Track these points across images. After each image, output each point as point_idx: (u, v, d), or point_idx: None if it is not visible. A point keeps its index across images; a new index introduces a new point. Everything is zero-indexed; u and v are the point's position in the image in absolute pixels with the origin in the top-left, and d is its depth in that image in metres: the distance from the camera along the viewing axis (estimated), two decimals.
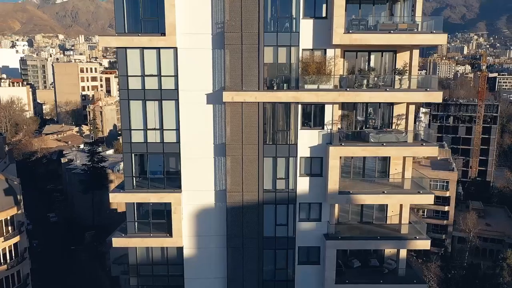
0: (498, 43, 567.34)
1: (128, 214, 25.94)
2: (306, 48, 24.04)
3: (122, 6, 23.47)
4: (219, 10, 23.50)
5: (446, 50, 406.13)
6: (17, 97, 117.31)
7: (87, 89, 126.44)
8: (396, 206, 26.73)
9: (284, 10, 23.62)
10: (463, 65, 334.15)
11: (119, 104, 24.77)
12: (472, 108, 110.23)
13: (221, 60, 23.98)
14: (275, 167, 25.04)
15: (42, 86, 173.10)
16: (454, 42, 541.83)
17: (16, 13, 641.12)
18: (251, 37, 23.38)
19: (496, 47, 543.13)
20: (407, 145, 24.54)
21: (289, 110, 24.51)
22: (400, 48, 25.22)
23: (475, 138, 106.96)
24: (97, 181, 61.43)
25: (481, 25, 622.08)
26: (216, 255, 26.08)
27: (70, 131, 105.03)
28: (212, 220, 25.85)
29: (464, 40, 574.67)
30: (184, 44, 23.85)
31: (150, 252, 26.53)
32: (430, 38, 23.34)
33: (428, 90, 23.90)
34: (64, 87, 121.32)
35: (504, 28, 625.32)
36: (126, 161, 25.25)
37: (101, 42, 23.58)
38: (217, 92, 24.35)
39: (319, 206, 25.82)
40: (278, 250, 25.96)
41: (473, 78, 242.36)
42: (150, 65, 24.18)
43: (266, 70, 24.24)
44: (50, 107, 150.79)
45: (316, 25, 23.83)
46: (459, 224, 73.74)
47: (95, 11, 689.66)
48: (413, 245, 25.58)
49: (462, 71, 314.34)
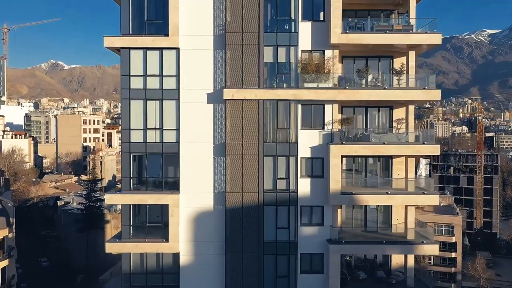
0: (492, 107, 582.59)
1: (124, 218, 25.00)
2: (305, 50, 24.69)
3: (128, 9, 24.49)
4: (221, 13, 24.47)
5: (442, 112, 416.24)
6: (18, 147, 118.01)
7: (88, 141, 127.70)
8: (401, 213, 25.86)
9: (284, 12, 24.61)
10: (460, 126, 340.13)
11: (120, 104, 24.90)
12: (471, 158, 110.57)
13: (222, 60, 24.53)
14: (275, 167, 24.60)
15: (44, 141, 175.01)
16: (449, 106, 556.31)
17: (25, 78, 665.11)
18: (251, 37, 24.12)
19: (491, 110, 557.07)
20: (408, 143, 24.33)
21: (289, 110, 24.59)
22: (397, 54, 25.94)
23: (477, 188, 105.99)
24: (93, 220, 59.88)
25: (474, 90, 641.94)
26: (214, 263, 24.76)
27: (69, 180, 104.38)
28: (210, 224, 24.88)
29: (458, 104, 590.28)
30: (186, 45, 24.54)
31: (144, 260, 25.19)
32: (425, 37, 24.05)
33: (426, 88, 24.22)
34: (66, 138, 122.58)
35: (496, 93, 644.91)
36: (124, 162, 24.87)
37: (106, 42, 24.22)
38: (217, 92, 24.61)
39: (321, 210, 24.97)
40: (279, 256, 24.68)
41: (471, 137, 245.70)
42: (153, 66, 24.68)
43: (266, 71, 24.71)
44: (51, 161, 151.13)
45: (314, 28, 24.69)
46: (467, 270, 70.74)
47: (101, 77, 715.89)
48: (420, 249, 24.38)
49: (459, 131, 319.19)
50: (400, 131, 25.58)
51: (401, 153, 24.40)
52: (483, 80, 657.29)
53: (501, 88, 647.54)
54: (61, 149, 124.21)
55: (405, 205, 24.78)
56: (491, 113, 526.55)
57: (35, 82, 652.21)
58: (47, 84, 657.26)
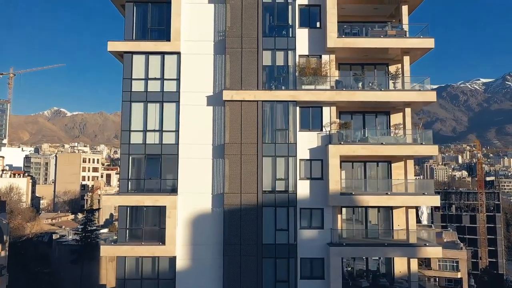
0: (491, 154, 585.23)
1: (120, 221, 24.59)
2: (302, 54, 25.43)
3: (132, 17, 25.52)
4: (221, 20, 25.46)
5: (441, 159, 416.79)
6: (16, 186, 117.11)
7: (87, 179, 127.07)
8: (402, 219, 25.44)
9: (281, 19, 25.58)
10: (459, 171, 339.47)
11: (121, 107, 25.24)
12: (473, 196, 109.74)
13: (222, 64, 25.20)
14: (274, 167, 24.53)
15: (42, 182, 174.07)
16: (448, 152, 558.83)
17: (27, 124, 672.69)
18: (250, 41, 24.94)
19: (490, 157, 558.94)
20: (406, 144, 24.45)
21: (288, 111, 24.92)
22: (392, 62, 26.72)
23: (480, 226, 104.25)
24: (88, 251, 58.33)
25: (471, 137, 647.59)
26: (212, 268, 24.02)
27: (66, 217, 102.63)
28: (208, 227, 24.40)
29: (457, 151, 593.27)
30: (187, 50, 25.31)
31: (140, 265, 24.42)
32: (418, 41, 24.88)
33: (421, 90, 24.75)
34: (65, 176, 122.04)
35: (494, 139, 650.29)
36: (123, 163, 24.84)
37: (110, 46, 24.98)
38: (217, 94, 25.07)
39: (321, 213, 24.59)
40: (278, 259, 23.99)
41: (471, 182, 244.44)
42: (154, 69, 25.31)
43: (265, 75, 25.31)
44: (48, 202, 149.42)
45: (311, 34, 25.58)
46: None
47: (103, 123, 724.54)
48: (424, 252, 23.73)
49: (459, 175, 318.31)
50: (398, 135, 25.78)
51: (400, 153, 24.40)
52: (480, 127, 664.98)
53: (498, 135, 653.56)
54: (59, 187, 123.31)
55: (405, 205, 24.41)
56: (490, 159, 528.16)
57: (37, 129, 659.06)
58: (48, 130, 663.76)
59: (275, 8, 25.52)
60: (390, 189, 24.72)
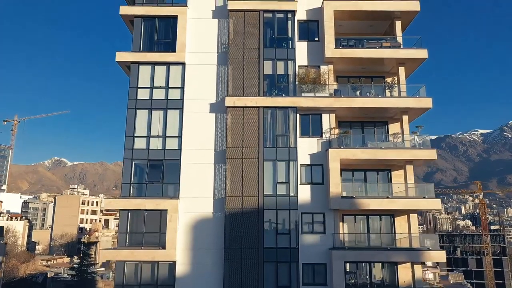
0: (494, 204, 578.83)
1: (121, 226, 24.43)
2: (301, 65, 26.53)
3: (140, 31, 26.91)
4: (224, 33, 26.85)
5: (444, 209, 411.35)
6: (13, 228, 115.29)
7: (85, 222, 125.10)
8: (404, 227, 25.26)
9: (281, 33, 26.92)
10: (463, 220, 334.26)
11: (127, 114, 25.92)
12: (477, 239, 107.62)
13: (225, 74, 26.24)
14: (275, 171, 24.77)
15: (39, 227, 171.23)
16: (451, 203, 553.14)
17: (27, 174, 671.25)
18: (252, 52, 26.14)
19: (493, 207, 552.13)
20: (405, 148, 24.85)
21: (288, 117, 25.57)
22: (387, 74, 27.77)
23: (487, 270, 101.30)
24: (84, 286, 56.47)
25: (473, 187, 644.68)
26: (212, 273, 23.59)
27: (61, 260, 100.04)
28: (209, 231, 24.23)
29: (460, 201, 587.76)
30: (191, 60, 26.47)
31: (139, 270, 23.94)
32: (412, 52, 26.05)
33: (417, 97, 25.57)
34: (63, 219, 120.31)
35: (496, 190, 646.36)
36: (125, 168, 25.09)
37: (118, 57, 26.11)
38: (220, 102, 25.89)
39: (322, 217, 24.52)
40: (280, 264, 23.56)
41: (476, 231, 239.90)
42: (159, 78, 26.31)
43: (266, 84, 26.24)
44: (44, 247, 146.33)
45: (309, 47, 26.86)
46: None
47: (103, 173, 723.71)
48: (427, 256, 23.38)
49: (463, 224, 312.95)
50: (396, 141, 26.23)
51: (399, 157, 24.69)
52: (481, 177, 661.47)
53: (500, 186, 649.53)
54: (56, 230, 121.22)
55: (406, 208, 24.30)
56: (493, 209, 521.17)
57: (36, 178, 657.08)
58: (48, 180, 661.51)
59: (275, 23, 26.96)
60: (391, 193, 24.79)
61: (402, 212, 24.97)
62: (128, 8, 27.12)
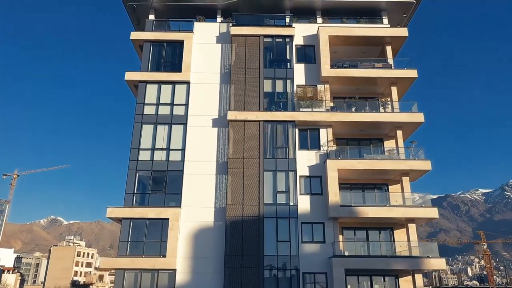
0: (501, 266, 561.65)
1: (123, 233, 24.60)
2: (299, 84, 28.18)
3: (149, 55, 28.88)
4: (227, 56, 28.81)
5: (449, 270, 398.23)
6: (5, 280, 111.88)
7: (79, 275, 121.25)
8: (403, 239, 25.47)
9: (280, 55, 28.90)
10: (470, 281, 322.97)
11: (133, 128, 27.06)
12: None
13: (227, 92, 27.82)
14: (275, 181, 25.44)
15: (31, 283, 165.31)
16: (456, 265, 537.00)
17: (21, 233, 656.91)
18: (253, 72, 27.91)
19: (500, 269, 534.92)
20: (400, 159, 25.75)
21: (287, 132, 26.70)
22: (381, 96, 29.36)
23: None
24: None
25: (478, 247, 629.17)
26: (212, 280, 23.49)
27: None
28: (209, 240, 24.43)
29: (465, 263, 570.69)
30: (196, 80, 28.17)
31: (138, 280, 23.75)
32: (403, 72, 27.83)
33: (410, 112, 26.93)
34: (57, 271, 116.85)
35: (502, 251, 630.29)
36: (129, 178, 25.75)
37: (127, 76, 27.80)
38: (222, 117, 27.21)
39: (322, 227, 24.83)
40: (280, 271, 23.48)
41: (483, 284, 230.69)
42: (165, 96, 27.83)
43: (266, 102, 27.70)
44: None
45: (307, 68, 28.71)
46: None
47: (99, 232, 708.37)
48: (427, 264, 23.33)
49: (471, 285, 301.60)
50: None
51: (395, 168, 25.48)
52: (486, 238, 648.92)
53: (506, 247, 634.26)
54: (49, 283, 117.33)
55: (405, 217, 24.62)
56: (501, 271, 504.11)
57: (30, 238, 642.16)
58: (42, 239, 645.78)
59: (275, 46, 29.04)
60: (388, 202, 25.30)
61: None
62: (139, 34, 29.33)
